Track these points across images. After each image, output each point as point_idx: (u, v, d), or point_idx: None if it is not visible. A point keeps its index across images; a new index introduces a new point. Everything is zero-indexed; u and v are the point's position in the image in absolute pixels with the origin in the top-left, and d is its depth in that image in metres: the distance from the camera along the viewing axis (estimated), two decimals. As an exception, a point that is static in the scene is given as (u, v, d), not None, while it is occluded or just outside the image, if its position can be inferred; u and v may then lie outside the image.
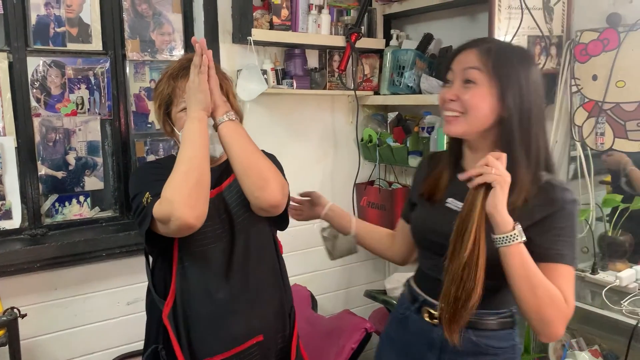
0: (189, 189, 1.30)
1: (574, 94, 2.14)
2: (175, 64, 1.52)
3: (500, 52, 1.25)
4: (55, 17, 2.11)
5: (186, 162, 1.33)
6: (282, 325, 1.58)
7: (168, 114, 1.51)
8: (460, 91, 1.26)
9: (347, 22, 2.68)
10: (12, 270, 1.98)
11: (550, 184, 1.24)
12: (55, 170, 2.17)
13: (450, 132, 1.30)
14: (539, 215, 1.21)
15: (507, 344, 1.32)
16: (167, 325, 1.43)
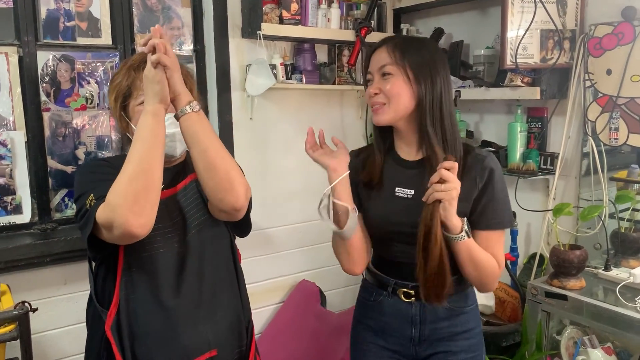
0: (135, 194, 1.17)
1: (587, 89, 2.12)
2: (135, 56, 1.43)
3: (404, 44, 1.43)
4: (65, 11, 2.10)
5: (135, 163, 1.19)
6: (238, 339, 1.47)
7: (124, 108, 1.40)
8: (381, 84, 1.42)
9: (356, 17, 2.66)
10: (23, 265, 1.98)
11: (480, 154, 1.44)
12: (64, 165, 2.16)
13: (379, 122, 1.43)
14: (480, 183, 1.40)
15: (472, 302, 1.53)
16: (110, 339, 1.31)
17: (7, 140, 2.01)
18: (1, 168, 2.01)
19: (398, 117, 1.42)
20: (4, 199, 2.03)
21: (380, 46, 1.45)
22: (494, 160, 1.43)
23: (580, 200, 2.20)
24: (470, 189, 1.40)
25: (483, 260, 1.39)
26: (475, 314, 1.54)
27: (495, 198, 1.41)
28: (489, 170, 1.40)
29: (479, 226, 1.42)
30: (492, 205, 1.41)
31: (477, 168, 1.41)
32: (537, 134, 2.32)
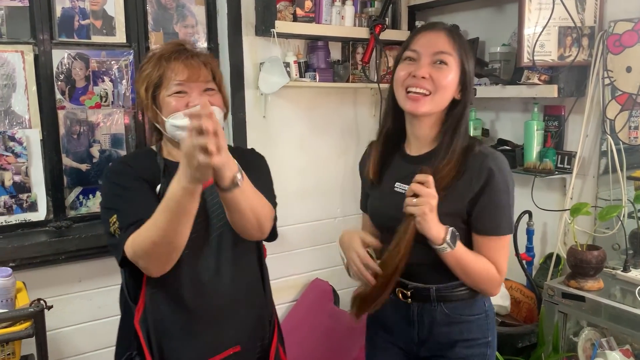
0: (158, 256, 1.23)
1: (606, 87, 2.08)
2: (164, 46, 1.42)
3: (463, 40, 1.36)
4: (80, 9, 2.11)
5: (160, 231, 1.19)
6: (261, 334, 1.49)
7: (154, 98, 1.38)
8: (432, 71, 1.31)
9: (371, 14, 2.64)
10: (38, 262, 2.00)
11: (482, 153, 1.34)
12: (79, 163, 2.17)
13: (415, 111, 1.33)
14: (477, 185, 1.31)
15: (478, 311, 1.43)
16: (139, 332, 1.35)
17: (23, 138, 2.02)
18: (17, 166, 2.02)
19: (435, 110, 1.34)
20: (20, 197, 2.04)
21: (437, 28, 1.35)
22: (497, 161, 1.33)
23: (598, 199, 2.17)
24: (465, 189, 1.32)
25: (476, 269, 1.33)
26: (481, 324, 1.44)
27: (494, 202, 1.32)
28: (487, 172, 1.31)
29: (476, 230, 1.36)
30: (490, 210, 1.33)
31: (474, 167, 1.32)
32: (554, 133, 2.29)
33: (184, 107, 1.34)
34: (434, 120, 1.38)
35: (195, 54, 1.40)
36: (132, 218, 1.27)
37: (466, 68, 1.34)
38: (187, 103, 1.34)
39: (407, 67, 1.34)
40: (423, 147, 1.41)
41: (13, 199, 2.03)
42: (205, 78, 1.38)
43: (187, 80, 1.35)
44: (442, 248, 1.29)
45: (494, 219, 1.34)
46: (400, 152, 1.46)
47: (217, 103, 1.39)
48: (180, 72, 1.34)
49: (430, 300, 1.40)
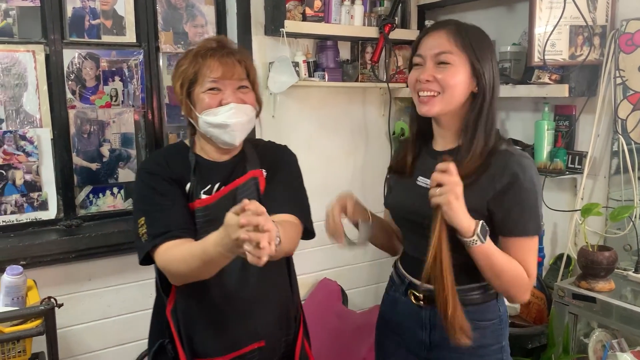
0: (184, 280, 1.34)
1: (618, 86, 2.07)
2: (201, 43, 1.44)
3: (470, 34, 1.33)
4: (91, 9, 2.12)
5: (190, 272, 1.28)
6: (286, 330, 1.52)
7: (189, 93, 1.41)
8: (435, 71, 1.31)
9: (380, 13, 2.63)
10: (48, 261, 2.01)
11: (508, 152, 1.31)
12: (89, 162, 2.18)
13: (427, 113, 1.34)
14: (499, 184, 1.28)
15: (493, 316, 1.41)
16: (170, 322, 1.41)
17: (34, 138, 2.03)
18: (28, 165, 2.04)
19: (448, 109, 1.33)
20: (31, 195, 2.06)
21: (437, 29, 1.35)
22: (522, 161, 1.30)
23: (610, 200, 2.15)
24: (486, 186, 1.29)
25: (505, 268, 1.28)
26: (495, 329, 1.41)
27: (520, 202, 1.29)
28: (511, 171, 1.28)
29: (502, 232, 1.32)
30: (517, 210, 1.29)
31: (498, 166, 1.29)
32: (564, 133, 2.27)
33: (217, 104, 1.37)
34: (455, 117, 1.36)
35: (231, 51, 1.41)
36: (160, 229, 1.33)
37: (475, 62, 1.31)
38: (220, 100, 1.38)
39: (415, 73, 1.36)
40: (448, 144, 1.41)
41: (24, 198, 2.05)
42: (239, 76, 1.40)
43: (221, 78, 1.37)
44: (472, 240, 1.24)
45: (520, 220, 1.30)
46: (427, 149, 1.46)
47: (250, 101, 1.42)
48: (215, 69, 1.37)
49: None
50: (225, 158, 1.47)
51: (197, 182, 1.41)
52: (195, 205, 1.40)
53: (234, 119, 1.37)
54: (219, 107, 1.37)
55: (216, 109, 1.37)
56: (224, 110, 1.37)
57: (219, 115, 1.37)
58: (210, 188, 1.42)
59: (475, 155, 1.31)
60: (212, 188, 1.42)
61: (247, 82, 1.43)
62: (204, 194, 1.41)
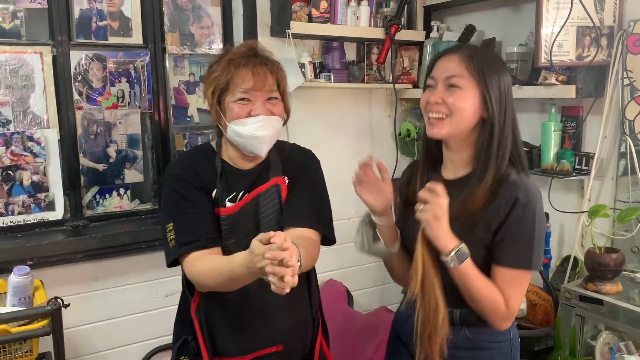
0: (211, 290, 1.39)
1: (626, 87, 2.05)
2: (236, 50, 1.43)
3: (480, 58, 1.33)
4: (98, 11, 2.13)
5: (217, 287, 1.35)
6: (304, 334, 1.54)
7: (219, 101, 1.43)
8: (445, 94, 1.32)
9: (386, 14, 2.63)
10: (55, 261, 2.02)
11: (515, 184, 1.30)
12: (96, 163, 2.19)
13: (435, 135, 1.34)
14: (503, 213, 1.29)
15: (502, 339, 1.40)
16: (194, 320, 1.46)
17: (41, 138, 2.05)
18: (35, 165, 2.05)
19: (455, 132, 1.33)
20: (38, 196, 2.07)
21: (451, 53, 1.36)
22: (527, 193, 1.28)
23: (617, 201, 2.13)
24: (492, 219, 1.30)
25: (482, 294, 1.29)
26: (504, 352, 1.40)
27: (514, 234, 1.28)
28: (513, 201, 1.27)
29: (492, 259, 1.32)
30: (511, 241, 1.29)
31: (505, 196, 1.29)
32: (571, 134, 2.26)
33: (246, 115, 1.39)
34: (464, 143, 1.36)
35: (264, 61, 1.42)
36: (188, 237, 1.37)
37: (483, 88, 1.30)
38: (249, 111, 1.39)
39: (427, 95, 1.37)
40: (458, 170, 1.40)
41: (31, 199, 2.06)
42: (270, 87, 1.41)
43: (252, 89, 1.39)
44: (448, 260, 1.26)
45: (512, 251, 1.29)
46: (436, 176, 1.43)
47: (279, 112, 1.44)
48: (247, 80, 1.38)
49: (453, 323, 1.36)
50: (250, 166, 1.48)
51: (223, 189, 1.43)
52: (220, 212, 1.42)
53: (261, 131, 1.38)
54: (247, 118, 1.38)
55: (245, 120, 1.38)
56: (252, 122, 1.38)
57: (247, 126, 1.38)
58: (235, 196, 1.44)
59: (487, 184, 1.30)
60: (236, 196, 1.44)
61: (277, 93, 1.44)
62: (229, 201, 1.43)
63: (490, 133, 1.32)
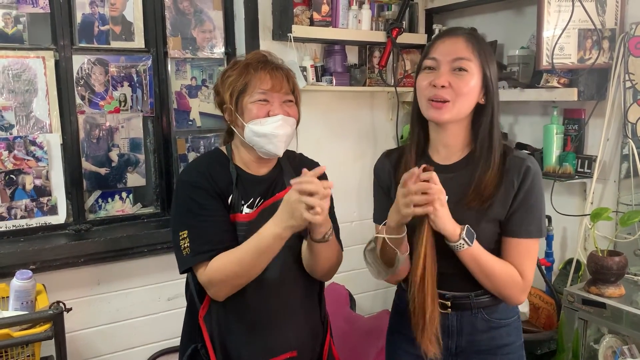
0: (233, 286, 1.36)
1: (628, 90, 2.05)
2: (250, 56, 1.47)
3: (483, 43, 1.34)
4: (100, 15, 2.14)
5: (245, 264, 1.33)
6: (316, 338, 1.56)
7: (236, 103, 1.43)
8: (452, 78, 1.29)
9: (388, 17, 2.63)
10: (58, 265, 2.02)
11: (518, 157, 1.34)
12: (98, 167, 2.20)
13: (438, 119, 1.32)
14: (517, 184, 1.31)
15: (513, 314, 1.44)
16: (203, 327, 1.44)
17: (44, 143, 2.05)
18: (37, 170, 2.05)
19: (457, 117, 1.32)
20: (40, 200, 2.07)
21: (454, 34, 1.34)
22: (534, 164, 1.34)
23: (620, 204, 2.13)
24: (508, 193, 1.32)
25: (496, 270, 1.30)
26: (516, 326, 1.45)
27: (528, 204, 1.31)
28: (525, 172, 1.31)
29: (505, 232, 1.34)
30: (523, 212, 1.31)
31: (515, 170, 1.32)
32: (573, 136, 2.25)
33: (265, 115, 1.40)
34: (460, 127, 1.37)
35: (279, 66, 1.45)
36: (204, 246, 1.36)
37: (487, 72, 1.32)
38: (268, 111, 1.40)
39: (428, 77, 1.33)
40: (453, 155, 1.40)
41: (34, 203, 2.06)
42: (286, 90, 1.44)
43: (270, 90, 1.40)
44: (459, 244, 1.26)
45: (525, 222, 1.32)
46: (427, 160, 1.42)
47: (294, 115, 1.46)
48: (265, 81, 1.40)
49: (470, 307, 1.38)
50: (264, 171, 1.49)
51: (239, 195, 1.43)
52: (237, 219, 1.42)
53: (281, 130, 1.40)
54: (266, 118, 1.39)
55: (264, 119, 1.39)
56: (271, 121, 1.39)
57: (266, 125, 1.39)
58: (253, 202, 1.44)
59: (495, 169, 1.32)
60: (254, 202, 1.44)
61: (293, 96, 1.46)
62: (247, 207, 1.44)
63: (492, 117, 1.34)
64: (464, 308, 1.39)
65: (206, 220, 1.38)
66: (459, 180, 1.35)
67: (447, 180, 1.31)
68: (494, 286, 1.33)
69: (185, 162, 2.36)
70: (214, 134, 2.43)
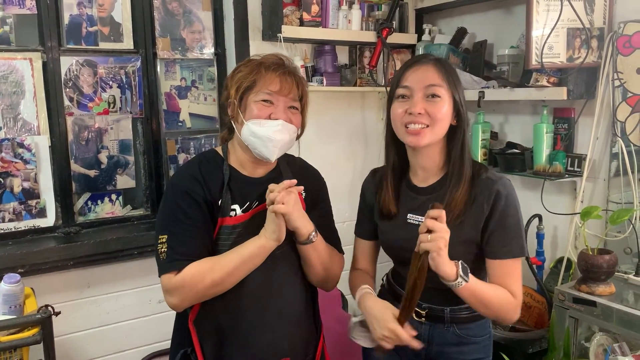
0: (205, 294, 1.35)
1: (617, 88, 2.06)
2: (266, 56, 1.45)
3: (450, 69, 1.39)
4: (88, 16, 2.12)
5: (224, 272, 1.33)
6: (309, 345, 1.54)
7: (240, 98, 1.41)
8: (426, 105, 1.34)
9: (378, 17, 2.63)
10: (47, 268, 2.00)
11: (490, 179, 1.37)
12: (87, 169, 2.18)
13: (418, 144, 1.36)
14: (487, 208, 1.34)
15: (484, 332, 1.48)
16: (192, 332, 1.42)
17: (32, 145, 2.03)
18: (26, 172, 2.03)
19: (435, 140, 1.37)
20: (29, 203, 2.05)
21: (424, 62, 1.39)
22: (505, 185, 1.36)
23: (610, 203, 2.14)
24: (478, 216, 1.35)
25: (493, 298, 1.33)
26: (486, 344, 1.49)
27: (504, 226, 1.34)
28: (495, 195, 1.34)
29: (488, 255, 1.37)
30: (501, 233, 1.35)
31: (485, 193, 1.35)
32: (563, 135, 2.26)
33: (266, 117, 1.38)
34: (435, 150, 1.41)
35: (292, 71, 1.43)
36: (182, 255, 1.34)
37: (456, 96, 1.37)
38: (270, 114, 1.39)
39: (402, 105, 1.37)
40: (430, 177, 1.44)
41: (22, 205, 2.04)
42: (294, 96, 1.42)
43: (277, 92, 1.38)
44: (457, 283, 1.27)
45: (503, 242, 1.35)
46: (407, 182, 1.48)
47: (297, 123, 1.44)
48: (273, 82, 1.38)
49: (444, 321, 1.43)
50: (260, 173, 1.47)
51: (232, 197, 1.41)
52: (225, 222, 1.39)
53: (278, 135, 1.38)
54: (267, 120, 1.38)
55: (264, 121, 1.37)
56: (271, 124, 1.37)
57: (265, 127, 1.37)
58: (249, 205, 1.42)
59: (465, 186, 1.36)
60: (250, 205, 1.42)
61: (299, 104, 1.45)
62: (240, 209, 1.41)
63: (462, 138, 1.39)
64: (437, 320, 1.43)
65: (188, 230, 1.36)
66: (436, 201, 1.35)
67: (426, 201, 1.38)
68: (490, 312, 1.35)
69: (176, 164, 2.35)
70: (204, 135, 2.42)
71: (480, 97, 2.37)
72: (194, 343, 1.41)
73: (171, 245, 1.35)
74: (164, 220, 1.40)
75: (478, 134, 2.43)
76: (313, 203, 1.52)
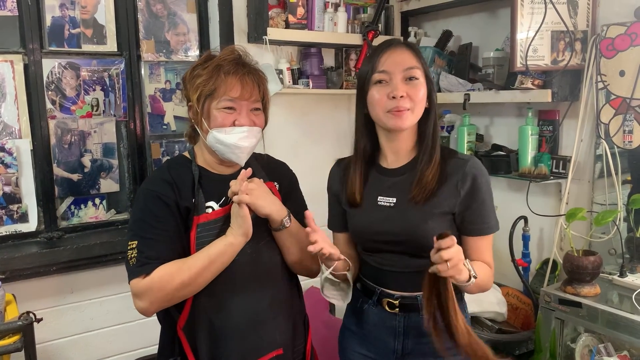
0: (173, 297, 1.33)
1: (600, 91, 2.08)
2: (222, 56, 1.40)
3: (420, 52, 1.41)
4: (70, 18, 2.10)
5: (193, 276, 1.32)
6: (299, 337, 1.55)
7: (202, 105, 1.39)
8: (406, 88, 1.35)
9: (363, 20, 2.63)
10: (29, 274, 1.97)
11: (461, 159, 1.40)
12: (70, 173, 2.15)
13: (402, 127, 1.37)
14: (462, 190, 1.36)
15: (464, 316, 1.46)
16: (182, 338, 1.39)
17: (13, 149, 2.00)
18: (7, 176, 2.00)
19: (414, 122, 1.39)
20: (10, 208, 2.02)
21: (398, 46, 1.39)
22: (477, 164, 1.40)
23: (594, 204, 2.15)
24: (450, 195, 1.37)
25: (484, 278, 1.36)
26: None
27: (482, 202, 1.38)
28: (472, 176, 1.37)
29: (470, 233, 1.40)
30: (480, 211, 1.38)
31: (458, 173, 1.37)
32: (548, 137, 2.28)
33: (230, 124, 1.37)
34: (410, 132, 1.42)
35: (251, 71, 1.41)
36: (151, 259, 1.33)
37: (430, 77, 1.41)
38: (234, 120, 1.38)
39: (382, 89, 1.37)
40: (401, 159, 1.45)
41: (3, 210, 2.01)
42: (255, 98, 1.41)
43: (239, 98, 1.37)
44: (470, 283, 1.28)
45: (482, 219, 1.39)
46: (376, 166, 1.48)
47: (260, 123, 1.44)
48: (234, 88, 1.36)
49: (417, 309, 1.40)
50: (230, 171, 1.46)
51: (206, 195, 1.40)
52: (202, 219, 1.38)
53: (245, 142, 1.38)
54: (232, 127, 1.37)
55: (229, 129, 1.37)
56: (237, 132, 1.37)
57: (231, 135, 1.37)
58: (226, 199, 1.41)
59: (436, 165, 1.38)
60: (227, 199, 1.41)
61: (261, 104, 1.43)
62: (220, 205, 1.41)
63: (434, 120, 1.42)
64: (411, 309, 1.42)
65: (158, 233, 1.34)
66: (409, 180, 1.40)
67: (398, 182, 1.42)
68: (481, 289, 1.37)
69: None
70: (190, 138, 2.40)
71: (466, 99, 2.38)
72: (184, 350, 1.39)
73: (141, 249, 1.33)
74: (134, 226, 1.38)
75: (464, 136, 2.43)
76: (286, 194, 1.53)
